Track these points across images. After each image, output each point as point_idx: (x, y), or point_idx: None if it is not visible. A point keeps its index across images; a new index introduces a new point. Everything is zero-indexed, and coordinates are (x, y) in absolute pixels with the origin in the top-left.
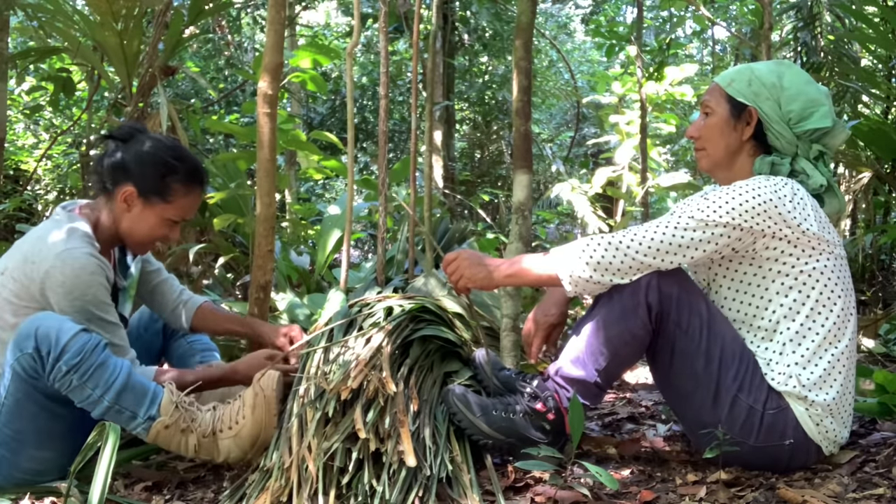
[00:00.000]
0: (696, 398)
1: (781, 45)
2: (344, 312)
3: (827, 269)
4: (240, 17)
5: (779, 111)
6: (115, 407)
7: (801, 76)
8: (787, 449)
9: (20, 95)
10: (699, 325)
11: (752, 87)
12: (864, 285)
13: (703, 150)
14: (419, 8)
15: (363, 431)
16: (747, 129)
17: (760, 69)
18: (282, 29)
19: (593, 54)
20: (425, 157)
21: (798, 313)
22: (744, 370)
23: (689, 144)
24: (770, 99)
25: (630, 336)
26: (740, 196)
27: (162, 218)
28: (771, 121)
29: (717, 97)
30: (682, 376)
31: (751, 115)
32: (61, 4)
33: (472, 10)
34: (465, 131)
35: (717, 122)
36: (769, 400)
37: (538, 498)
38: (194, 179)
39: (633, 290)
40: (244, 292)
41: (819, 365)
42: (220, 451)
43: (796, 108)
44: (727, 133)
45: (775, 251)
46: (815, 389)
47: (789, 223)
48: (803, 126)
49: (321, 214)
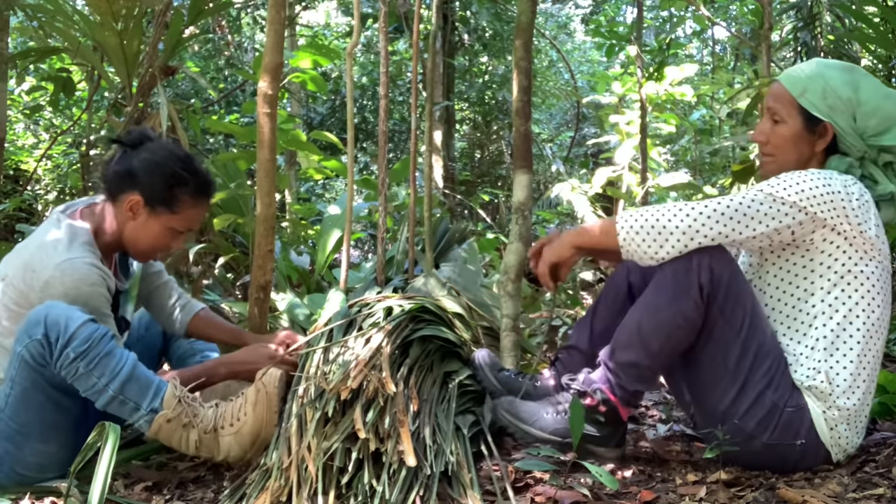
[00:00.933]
0: (720, 387)
1: (781, 45)
2: (344, 312)
3: (874, 275)
4: (240, 17)
5: (854, 125)
6: (120, 397)
7: (878, 89)
8: (797, 450)
9: (20, 95)
10: (742, 315)
11: (827, 101)
12: None
13: (772, 156)
14: (419, 8)
15: (363, 431)
16: (821, 142)
17: (834, 79)
18: (282, 29)
19: (593, 54)
20: (425, 157)
21: (837, 311)
22: (775, 367)
23: (689, 144)
24: (846, 113)
25: (683, 318)
26: (812, 181)
27: (167, 228)
28: (845, 134)
29: (787, 107)
30: (711, 363)
31: (826, 130)
32: (61, 4)
33: (472, 10)
34: (465, 131)
35: (790, 134)
36: (791, 397)
37: (538, 498)
38: (203, 192)
39: (685, 270)
40: (244, 292)
41: (847, 369)
42: (221, 449)
43: (873, 124)
44: (800, 145)
45: (831, 245)
46: (838, 392)
47: (850, 220)
48: (878, 141)
49: (321, 214)
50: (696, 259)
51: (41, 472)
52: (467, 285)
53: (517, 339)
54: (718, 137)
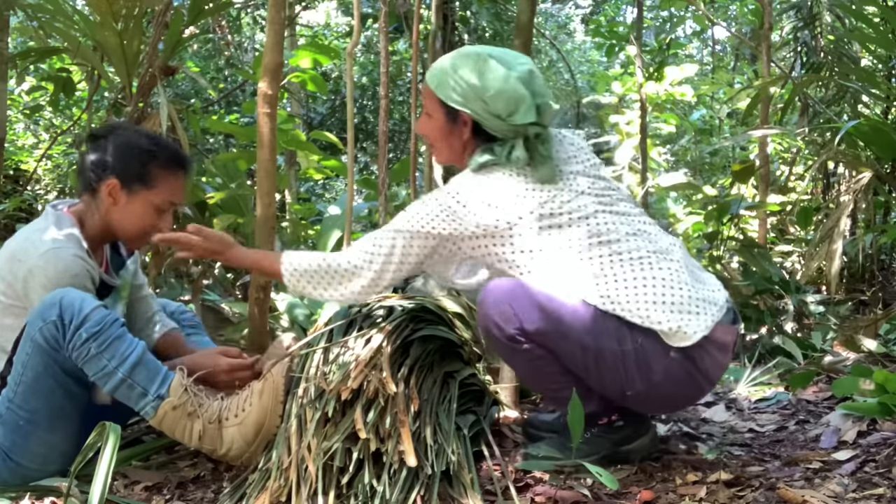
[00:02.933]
0: (594, 374)
1: (781, 45)
2: (344, 313)
3: (532, 234)
4: (240, 17)
5: (488, 108)
6: (128, 381)
7: (500, 72)
8: (676, 362)
9: (20, 95)
10: (552, 317)
11: (458, 91)
12: (864, 285)
13: (434, 147)
14: (419, 8)
15: (363, 431)
16: (465, 130)
17: (461, 68)
18: (282, 29)
19: (593, 54)
20: (425, 157)
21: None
22: (608, 323)
23: (689, 144)
24: (477, 100)
25: (534, 362)
26: (427, 205)
27: (149, 205)
28: (484, 119)
29: (432, 101)
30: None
31: (465, 119)
32: (61, 4)
33: (472, 10)
34: None
35: (437, 127)
36: (633, 334)
37: (538, 498)
38: (175, 162)
39: (491, 335)
40: (244, 292)
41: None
42: (224, 442)
43: (502, 106)
44: (449, 138)
45: (486, 248)
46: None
47: (469, 221)
48: (513, 121)
49: (321, 214)
50: (487, 323)
51: (44, 464)
52: None
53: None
54: (718, 137)
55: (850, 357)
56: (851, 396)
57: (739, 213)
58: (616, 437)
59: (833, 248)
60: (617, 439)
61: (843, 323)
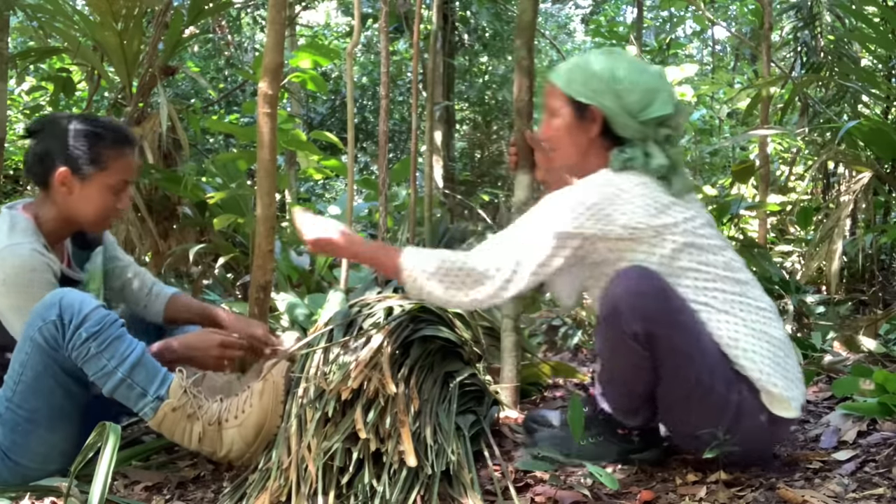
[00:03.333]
0: (688, 409)
1: (781, 45)
2: (344, 312)
3: (675, 250)
4: (240, 17)
5: (620, 103)
6: (128, 381)
7: (635, 66)
8: (764, 427)
9: (20, 95)
10: (687, 339)
11: (589, 85)
12: (864, 285)
13: (555, 151)
14: (419, 8)
15: (363, 431)
16: (593, 127)
17: (593, 63)
18: (282, 29)
19: None
20: (425, 157)
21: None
22: (727, 368)
23: (689, 144)
24: (609, 93)
25: (633, 369)
26: (567, 203)
27: (104, 187)
28: (615, 115)
29: (557, 100)
30: (673, 392)
31: (594, 114)
32: (61, 4)
33: (472, 10)
34: (465, 131)
35: (564, 125)
36: (739, 384)
37: (538, 498)
38: (121, 140)
39: (614, 323)
40: (244, 292)
41: (727, 325)
42: (224, 443)
43: (636, 98)
44: (575, 135)
45: (623, 252)
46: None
47: (617, 222)
48: (646, 115)
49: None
50: (619, 309)
51: (44, 463)
52: None
53: (517, 339)
54: (718, 137)
55: (850, 357)
56: (851, 396)
57: (739, 213)
58: (625, 448)
59: (833, 248)
60: (625, 449)
61: (843, 323)
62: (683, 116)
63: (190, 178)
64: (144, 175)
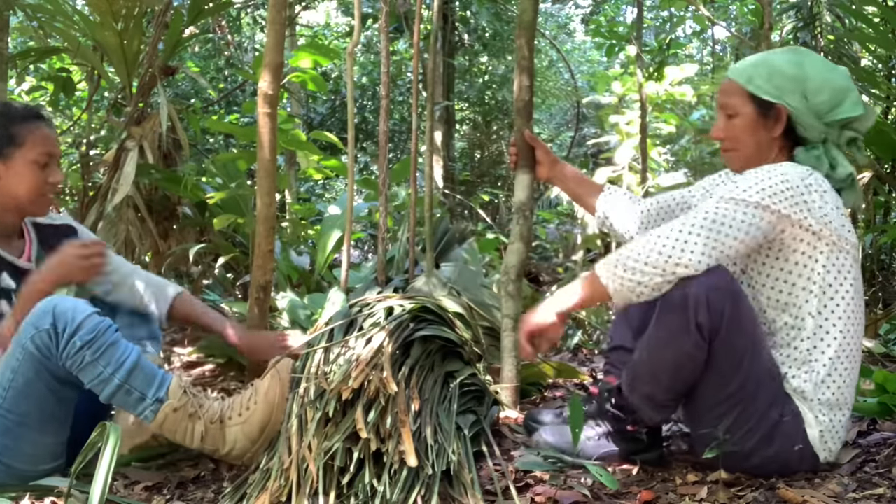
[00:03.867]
0: (716, 412)
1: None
2: (344, 312)
3: (844, 267)
4: (240, 17)
5: (806, 103)
6: (125, 387)
7: (823, 64)
8: (796, 454)
9: (20, 95)
10: (744, 345)
11: (774, 82)
12: (864, 285)
13: (734, 150)
14: (419, 8)
15: (364, 431)
16: (777, 126)
17: (778, 61)
18: (282, 29)
19: (593, 54)
20: (425, 157)
21: (819, 312)
22: (776, 386)
23: (689, 144)
24: (795, 92)
25: (686, 357)
26: (769, 178)
27: (28, 164)
28: (800, 114)
29: (738, 98)
30: (713, 391)
31: (779, 113)
32: (61, 4)
33: (472, 10)
34: (465, 131)
35: (745, 124)
36: (786, 406)
37: (538, 498)
38: (30, 115)
39: (681, 309)
40: (244, 292)
41: (826, 366)
42: (227, 441)
43: (824, 98)
44: (757, 133)
45: (801, 243)
46: (818, 386)
47: (813, 212)
48: (834, 115)
49: (321, 214)
50: (692, 296)
51: (35, 463)
52: (468, 285)
53: (518, 340)
54: None
55: None
56: None
57: None
58: (632, 447)
59: None
60: (630, 449)
61: None
62: (871, 120)
63: (190, 178)
64: (144, 175)
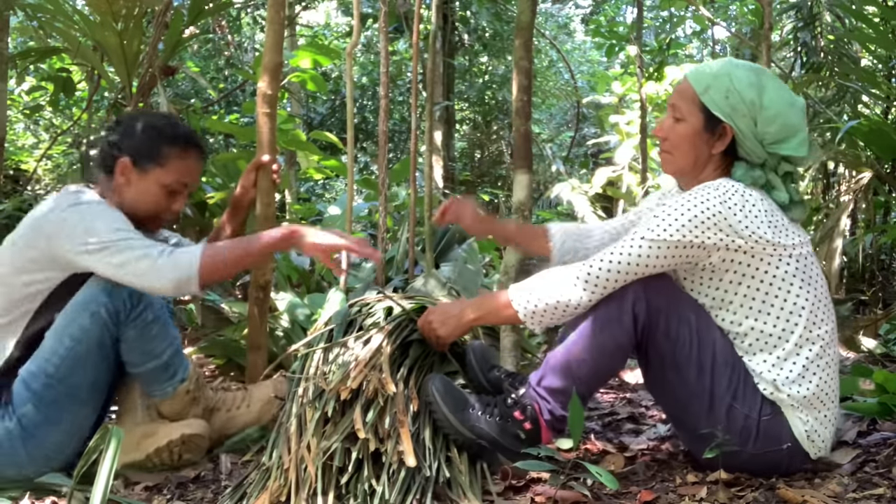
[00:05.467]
0: (691, 408)
1: (781, 45)
2: (344, 312)
3: (788, 273)
4: (240, 17)
5: (754, 129)
6: (169, 363)
7: (782, 94)
8: (784, 453)
9: (20, 95)
10: (688, 334)
11: (729, 101)
12: (864, 285)
13: (670, 154)
14: (419, 8)
15: (363, 431)
16: (719, 144)
17: (740, 79)
18: (282, 29)
19: (593, 54)
20: (425, 157)
21: (766, 323)
22: (736, 378)
23: None
24: (747, 116)
25: (613, 345)
26: (689, 211)
27: (160, 185)
28: (745, 138)
29: (689, 104)
30: (675, 387)
31: (725, 132)
32: (61, 4)
33: (472, 10)
34: (465, 131)
35: (688, 133)
36: (763, 407)
37: (538, 498)
38: (186, 141)
39: (619, 300)
40: (244, 292)
41: (797, 364)
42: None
43: (773, 130)
44: (697, 145)
45: (732, 262)
46: (789, 385)
47: (741, 233)
48: (777, 149)
49: (321, 214)
50: (631, 290)
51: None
52: (467, 285)
53: (517, 339)
54: None
55: (850, 357)
56: (851, 396)
57: None
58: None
59: (833, 247)
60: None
61: (843, 323)
62: (812, 160)
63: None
64: None
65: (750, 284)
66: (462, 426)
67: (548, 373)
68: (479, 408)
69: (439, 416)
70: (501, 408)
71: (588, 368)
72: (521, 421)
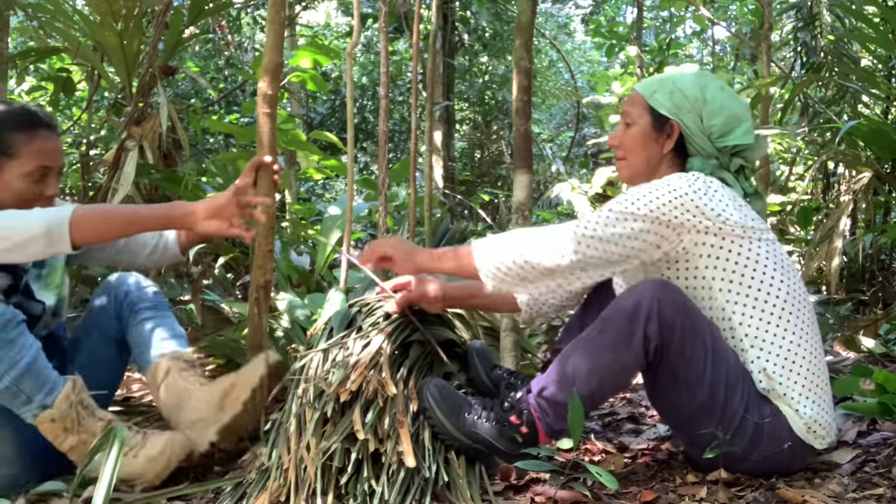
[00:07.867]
0: (700, 420)
1: (781, 45)
2: (344, 313)
3: (761, 256)
4: (240, 17)
5: (700, 125)
6: (14, 388)
7: (725, 91)
8: (786, 453)
9: (20, 95)
10: (703, 354)
11: (673, 100)
12: (864, 285)
13: (624, 159)
14: (419, 8)
15: (362, 432)
16: (668, 142)
17: (683, 81)
18: (282, 29)
19: (593, 54)
20: (425, 157)
21: (745, 305)
22: (746, 389)
23: None
24: (692, 112)
25: (620, 367)
26: (657, 191)
27: (19, 175)
28: (692, 134)
29: (638, 108)
30: (685, 404)
31: (672, 129)
32: (61, 4)
33: (472, 10)
34: (465, 131)
35: (639, 134)
36: (763, 408)
37: (538, 498)
38: (31, 123)
39: (631, 317)
40: (244, 292)
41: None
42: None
43: (718, 122)
44: (648, 145)
45: (704, 246)
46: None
47: (707, 214)
48: (724, 141)
49: (321, 214)
50: (644, 307)
51: None
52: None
53: (517, 339)
54: None
55: (850, 357)
56: (851, 396)
57: None
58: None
59: (833, 247)
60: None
61: (843, 323)
62: (760, 151)
63: (190, 178)
64: (144, 175)
65: (725, 267)
66: (458, 431)
67: (549, 384)
68: (476, 411)
69: (435, 423)
70: (498, 411)
71: (591, 388)
72: (518, 425)
